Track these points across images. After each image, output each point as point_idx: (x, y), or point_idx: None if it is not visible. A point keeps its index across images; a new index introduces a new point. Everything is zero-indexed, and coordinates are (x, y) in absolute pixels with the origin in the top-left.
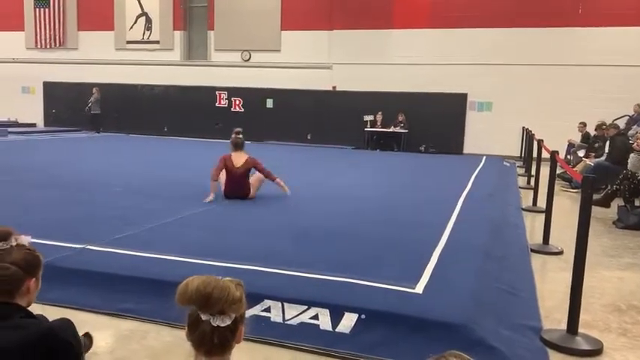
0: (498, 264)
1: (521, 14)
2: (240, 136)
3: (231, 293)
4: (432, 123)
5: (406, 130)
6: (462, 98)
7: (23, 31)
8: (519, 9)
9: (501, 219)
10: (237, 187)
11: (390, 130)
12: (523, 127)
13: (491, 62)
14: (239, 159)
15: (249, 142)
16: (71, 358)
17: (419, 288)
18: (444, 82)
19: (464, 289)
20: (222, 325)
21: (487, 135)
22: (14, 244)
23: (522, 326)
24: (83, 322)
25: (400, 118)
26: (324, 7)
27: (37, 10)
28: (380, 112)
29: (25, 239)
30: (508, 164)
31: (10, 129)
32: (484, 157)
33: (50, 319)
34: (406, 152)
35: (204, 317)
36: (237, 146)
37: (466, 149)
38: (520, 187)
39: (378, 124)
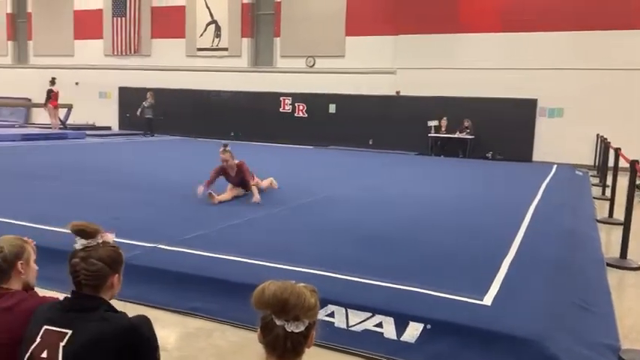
0: (572, 277)
1: (593, 16)
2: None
3: (307, 300)
4: (499, 129)
5: (472, 136)
6: (531, 104)
7: (102, 39)
8: (592, 10)
9: (574, 230)
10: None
11: (455, 135)
12: (597, 135)
13: (562, 67)
14: (232, 170)
15: (310, 147)
16: (149, 353)
17: (487, 300)
18: (513, 88)
19: (535, 302)
20: (297, 330)
21: (558, 142)
22: (100, 241)
23: (599, 344)
24: (152, 318)
25: (466, 123)
26: (389, 12)
27: (115, 19)
28: (445, 118)
29: (110, 237)
30: (580, 173)
31: (87, 132)
32: (555, 166)
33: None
34: (472, 159)
35: (278, 322)
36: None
37: (535, 157)
38: (594, 198)
39: (443, 129)
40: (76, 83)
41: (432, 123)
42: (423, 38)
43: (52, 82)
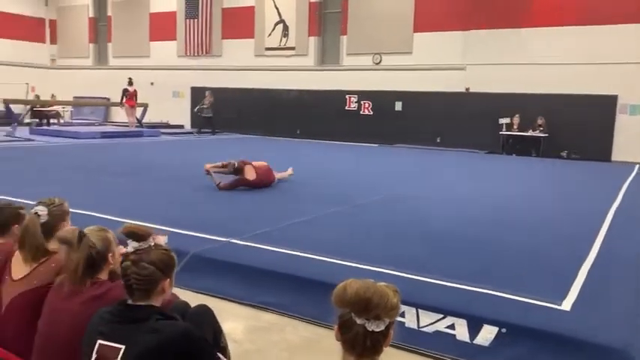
0: None
1: None
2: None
3: (390, 300)
4: (575, 127)
5: (546, 135)
6: (611, 100)
7: (175, 40)
8: None
9: None
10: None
11: (528, 134)
12: None
13: None
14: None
15: (376, 145)
16: (205, 356)
17: (566, 305)
18: (591, 83)
19: (618, 307)
20: (377, 329)
21: None
22: (152, 244)
23: None
24: (224, 311)
25: (540, 121)
26: (459, 7)
27: (188, 20)
28: (517, 115)
29: (162, 239)
30: None
31: (162, 130)
32: (637, 166)
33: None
34: (546, 158)
35: (359, 321)
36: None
37: (615, 156)
38: None
39: (515, 127)
40: (151, 83)
41: (504, 120)
42: (494, 33)
43: (130, 82)
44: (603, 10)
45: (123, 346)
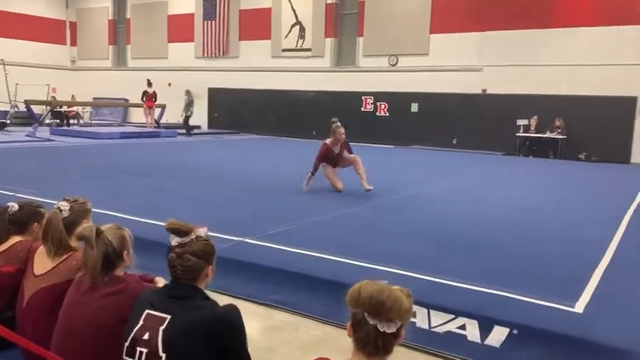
0: None
1: None
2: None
3: (403, 304)
4: (594, 129)
5: (564, 136)
6: (630, 102)
7: (193, 42)
8: None
9: None
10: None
11: (546, 135)
12: None
13: None
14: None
15: (391, 147)
16: (238, 340)
17: (579, 307)
18: (609, 85)
19: (632, 311)
20: (389, 331)
21: None
22: (194, 237)
23: None
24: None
25: (558, 122)
26: (476, 8)
27: (205, 22)
28: (535, 117)
29: (202, 231)
30: None
31: (179, 130)
32: None
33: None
34: (564, 160)
35: (371, 322)
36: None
37: (634, 158)
38: None
39: (532, 128)
40: (169, 84)
41: (522, 122)
42: (512, 34)
43: (149, 83)
44: (621, 10)
45: (169, 317)
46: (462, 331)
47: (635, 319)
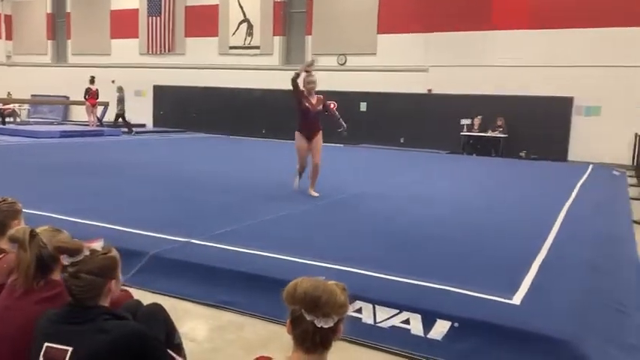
0: (605, 279)
1: (631, 12)
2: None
3: (338, 298)
4: (533, 128)
5: (505, 135)
6: (567, 102)
7: (137, 38)
8: (630, 5)
9: (609, 232)
10: (312, 125)
11: (488, 134)
12: (636, 134)
13: (599, 64)
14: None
15: (340, 145)
16: (156, 354)
17: (516, 299)
18: (548, 85)
19: (567, 302)
20: (326, 326)
21: (594, 141)
22: (87, 253)
23: (633, 347)
24: (185, 311)
25: (499, 122)
26: (421, 9)
27: (150, 18)
28: (479, 116)
29: (97, 245)
30: (617, 173)
31: (123, 129)
32: (590, 165)
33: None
34: (505, 158)
35: (308, 317)
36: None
37: (571, 156)
38: (631, 199)
39: (475, 128)
40: (112, 81)
41: (465, 121)
42: (456, 35)
43: (92, 80)
44: (559, 14)
45: (70, 348)
46: (406, 326)
47: (568, 308)
